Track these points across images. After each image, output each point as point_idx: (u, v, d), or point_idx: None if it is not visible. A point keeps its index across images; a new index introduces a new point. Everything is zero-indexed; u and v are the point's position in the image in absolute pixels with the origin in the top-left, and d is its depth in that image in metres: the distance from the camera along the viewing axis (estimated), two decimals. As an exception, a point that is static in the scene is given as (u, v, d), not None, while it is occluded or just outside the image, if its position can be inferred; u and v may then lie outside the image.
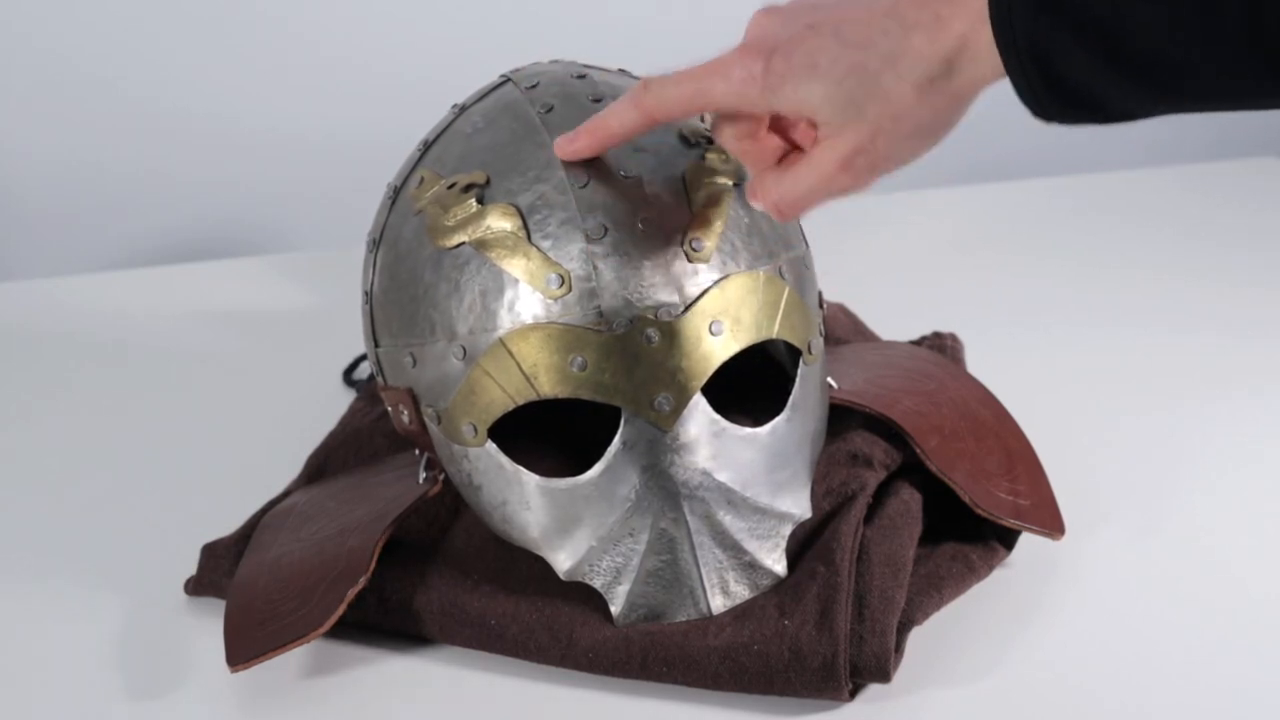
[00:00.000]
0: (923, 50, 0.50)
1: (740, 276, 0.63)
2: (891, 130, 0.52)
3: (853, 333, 0.93)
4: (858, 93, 0.51)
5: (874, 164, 0.54)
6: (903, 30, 0.50)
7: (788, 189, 0.56)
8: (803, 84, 0.52)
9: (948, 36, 0.50)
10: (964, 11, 0.49)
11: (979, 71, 0.50)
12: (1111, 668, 0.63)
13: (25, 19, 1.33)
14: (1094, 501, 0.75)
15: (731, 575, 0.64)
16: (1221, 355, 0.94)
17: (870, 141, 0.53)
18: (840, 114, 0.52)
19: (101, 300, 1.17)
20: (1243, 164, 1.37)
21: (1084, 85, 0.48)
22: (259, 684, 0.65)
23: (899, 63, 0.51)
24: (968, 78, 0.50)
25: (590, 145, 0.62)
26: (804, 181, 0.56)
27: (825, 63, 0.52)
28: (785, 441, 0.66)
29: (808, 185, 0.56)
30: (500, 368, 0.62)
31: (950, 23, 0.49)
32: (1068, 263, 1.14)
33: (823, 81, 0.52)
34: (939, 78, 0.51)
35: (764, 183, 0.58)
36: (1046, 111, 0.49)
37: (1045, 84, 0.48)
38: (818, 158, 0.54)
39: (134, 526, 0.81)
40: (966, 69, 0.50)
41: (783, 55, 0.53)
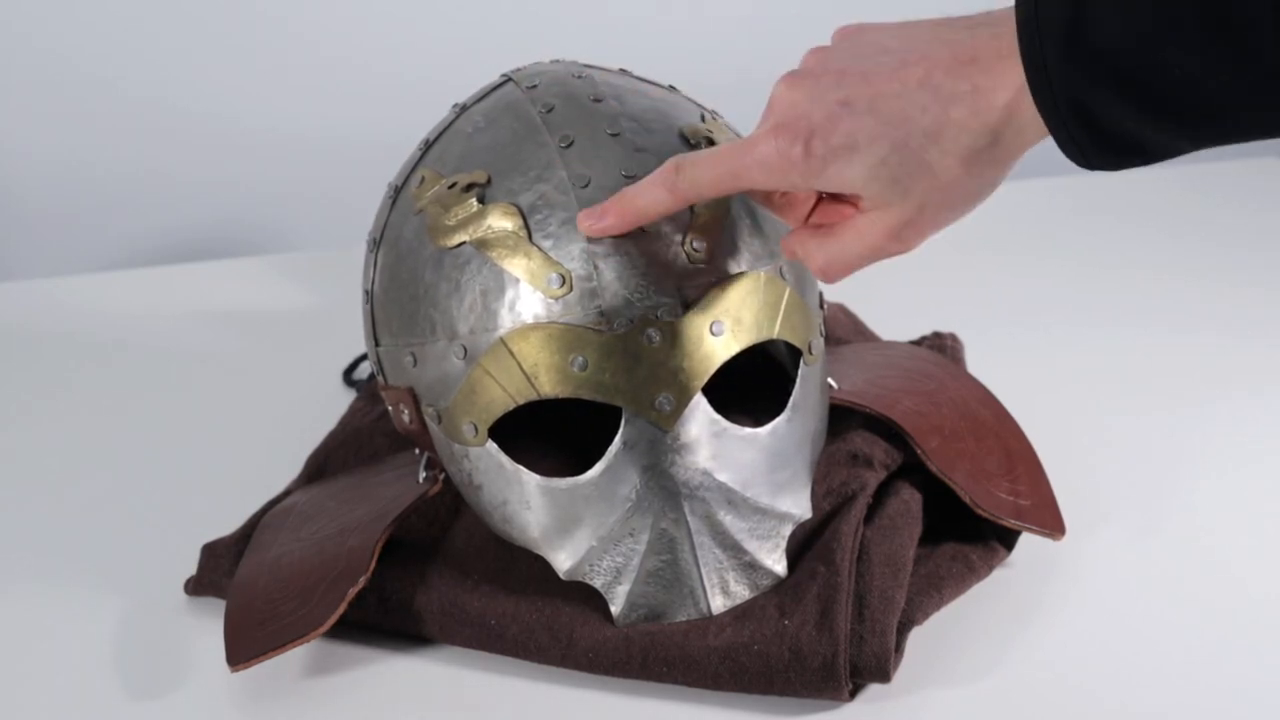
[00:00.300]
0: (966, 123, 0.50)
1: (741, 277, 0.63)
2: (938, 201, 0.52)
3: (853, 333, 0.93)
4: (901, 171, 0.51)
5: (921, 232, 0.54)
6: (940, 105, 0.50)
7: (835, 256, 0.56)
8: (846, 167, 0.52)
9: (990, 108, 0.49)
10: (1003, 81, 0.49)
11: (1024, 138, 0.50)
12: (1111, 668, 0.63)
13: (25, 19, 1.33)
14: (1094, 501, 0.75)
15: (732, 575, 0.64)
16: (1222, 355, 0.94)
17: (918, 214, 0.53)
18: (886, 191, 0.52)
19: (101, 300, 1.17)
20: (1243, 164, 1.37)
21: (1127, 135, 0.47)
22: (259, 684, 0.65)
23: (942, 138, 0.50)
24: (1013, 144, 0.50)
25: (617, 225, 0.61)
26: (851, 250, 0.55)
27: (864, 142, 0.51)
28: (786, 442, 0.66)
29: (855, 253, 0.55)
30: (501, 367, 0.62)
31: (991, 94, 0.49)
32: (1068, 263, 1.14)
33: (866, 163, 0.51)
34: (984, 148, 0.50)
35: (807, 245, 0.57)
36: (1092, 163, 0.49)
37: (1089, 140, 0.48)
38: (865, 229, 0.54)
39: (134, 526, 0.81)
40: (1012, 137, 0.50)
41: (821, 138, 0.52)
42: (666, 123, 0.66)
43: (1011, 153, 0.51)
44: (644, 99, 0.68)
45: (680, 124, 0.67)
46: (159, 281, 1.22)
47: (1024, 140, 0.50)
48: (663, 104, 0.68)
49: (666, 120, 0.67)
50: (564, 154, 0.64)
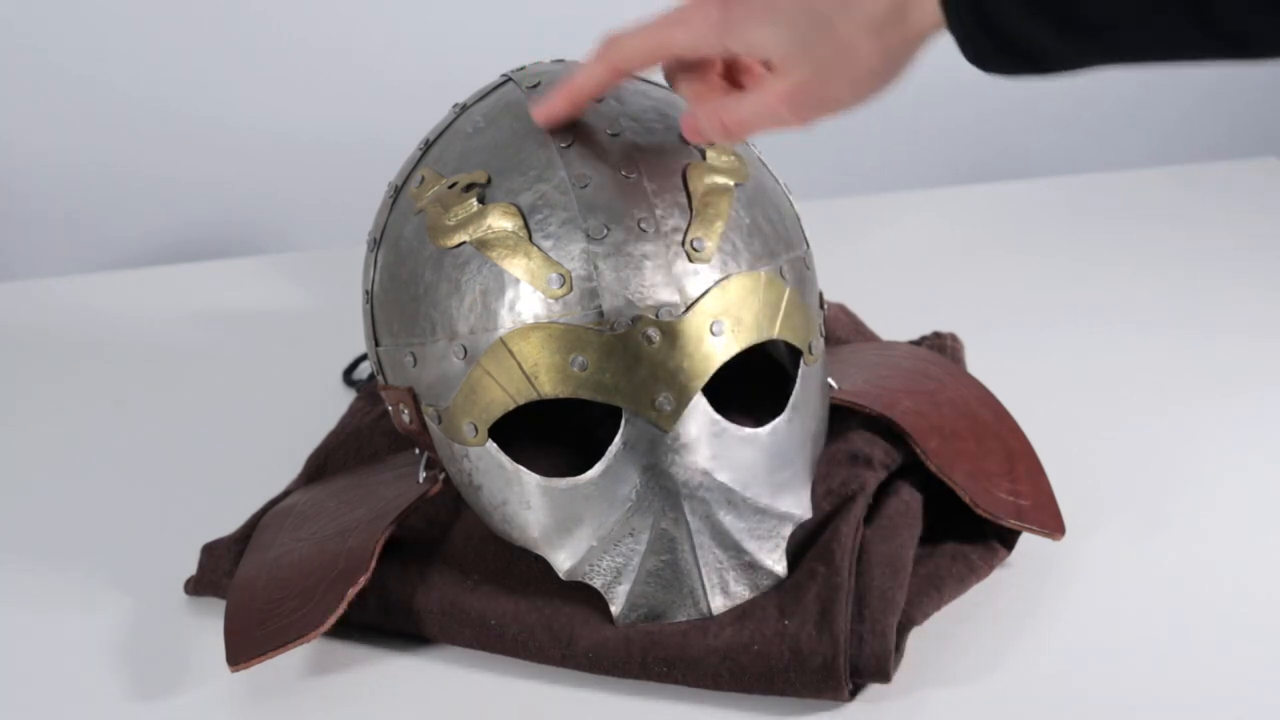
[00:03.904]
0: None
1: (741, 277, 0.63)
2: (839, 70, 0.54)
3: (853, 333, 0.93)
4: (811, 35, 0.54)
5: (820, 100, 0.56)
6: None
7: (732, 109, 0.59)
8: (759, 27, 0.55)
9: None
10: None
11: (927, 19, 0.52)
12: (1111, 667, 0.63)
13: (25, 19, 1.33)
14: (1094, 501, 0.75)
15: (731, 575, 0.64)
16: (1222, 355, 0.94)
17: (816, 77, 0.55)
18: (792, 53, 0.55)
19: (101, 300, 1.17)
20: (1243, 164, 1.37)
21: (1019, 35, 0.49)
22: (259, 684, 0.65)
23: (851, 7, 0.53)
24: (917, 24, 0.52)
25: (565, 107, 0.64)
26: (748, 106, 0.58)
27: (782, 5, 0.54)
28: (786, 442, 0.66)
29: (751, 109, 0.58)
30: (501, 367, 0.62)
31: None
32: (1068, 263, 1.14)
33: (778, 24, 0.54)
34: (889, 24, 0.52)
35: (708, 103, 0.60)
36: (984, 60, 0.51)
37: (982, 32, 0.50)
38: (766, 85, 0.57)
39: (134, 526, 0.81)
40: (916, 15, 0.52)
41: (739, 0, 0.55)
42: (666, 123, 0.66)
43: (915, 33, 0.53)
44: (644, 99, 0.68)
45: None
46: (159, 281, 1.22)
47: (926, 21, 0.52)
48: (663, 104, 0.68)
49: (666, 120, 0.67)
50: (564, 154, 0.64)
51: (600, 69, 0.62)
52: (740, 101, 0.59)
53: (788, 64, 0.55)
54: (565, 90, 0.63)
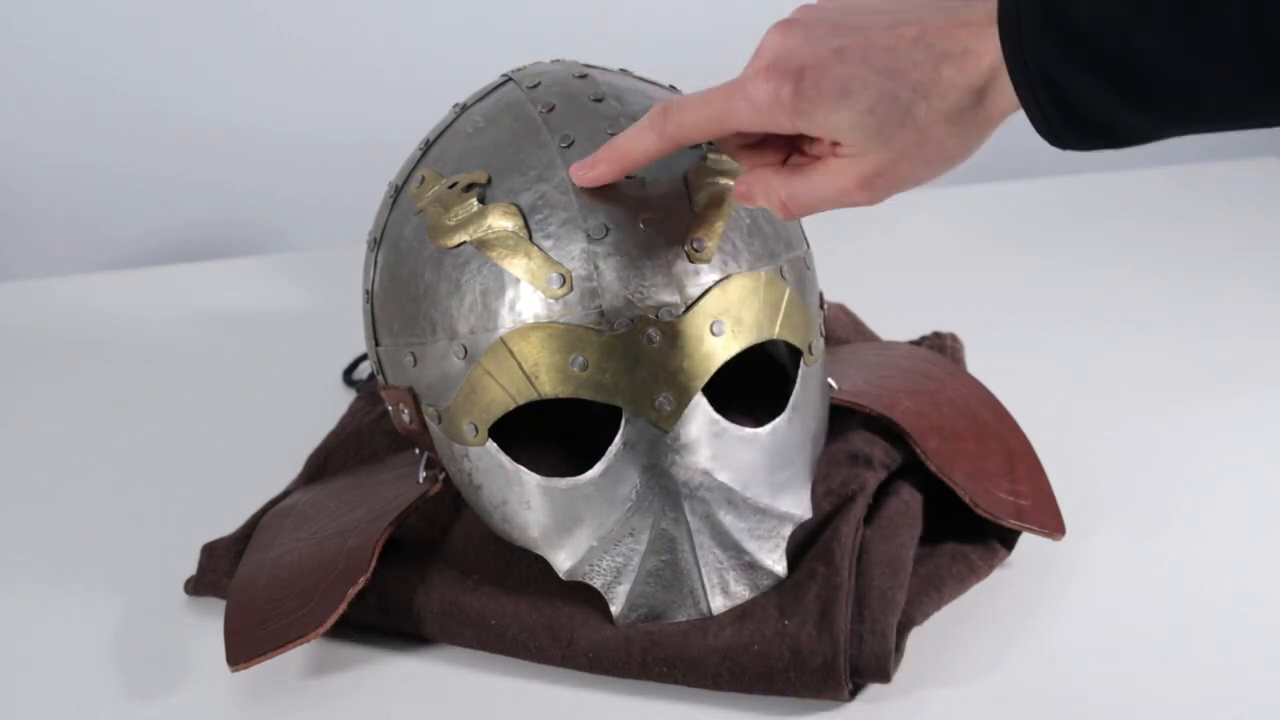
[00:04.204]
0: (954, 82, 0.50)
1: (741, 277, 0.63)
2: (916, 156, 0.52)
3: (853, 333, 0.93)
4: (889, 121, 0.51)
5: (893, 185, 0.54)
6: (933, 61, 0.50)
7: (800, 192, 0.56)
8: (834, 110, 0.52)
9: (977, 70, 0.50)
10: (990, 46, 0.49)
11: (1005, 102, 0.50)
12: (1111, 667, 0.63)
13: (25, 19, 1.33)
14: (1094, 501, 0.75)
15: (732, 575, 0.64)
16: (1221, 355, 0.94)
17: (893, 166, 0.53)
18: (869, 139, 0.52)
19: (101, 300, 1.17)
20: (1243, 164, 1.37)
21: (1097, 114, 0.48)
22: (259, 684, 0.65)
23: (931, 94, 0.51)
24: (996, 108, 0.51)
25: (609, 172, 0.61)
26: (818, 189, 0.55)
27: (857, 89, 0.51)
28: (786, 442, 0.66)
29: (820, 194, 0.55)
30: (501, 367, 0.62)
31: (981, 57, 0.50)
32: (1068, 263, 1.14)
33: (854, 109, 0.52)
34: (969, 109, 0.51)
35: (769, 181, 0.57)
36: (1062, 140, 0.50)
37: (1059, 114, 0.49)
38: (837, 170, 0.54)
39: (134, 526, 0.81)
40: (994, 100, 0.50)
41: (812, 80, 0.52)
42: (667, 123, 0.66)
43: (992, 117, 0.52)
44: (645, 99, 0.68)
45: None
46: (159, 281, 1.22)
47: (1004, 106, 0.51)
48: (663, 104, 0.68)
49: (667, 120, 0.66)
50: (564, 154, 0.64)
51: (653, 139, 0.58)
52: (807, 183, 0.56)
53: (863, 149, 0.53)
54: (611, 157, 0.60)
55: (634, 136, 0.59)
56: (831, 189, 0.55)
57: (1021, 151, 1.54)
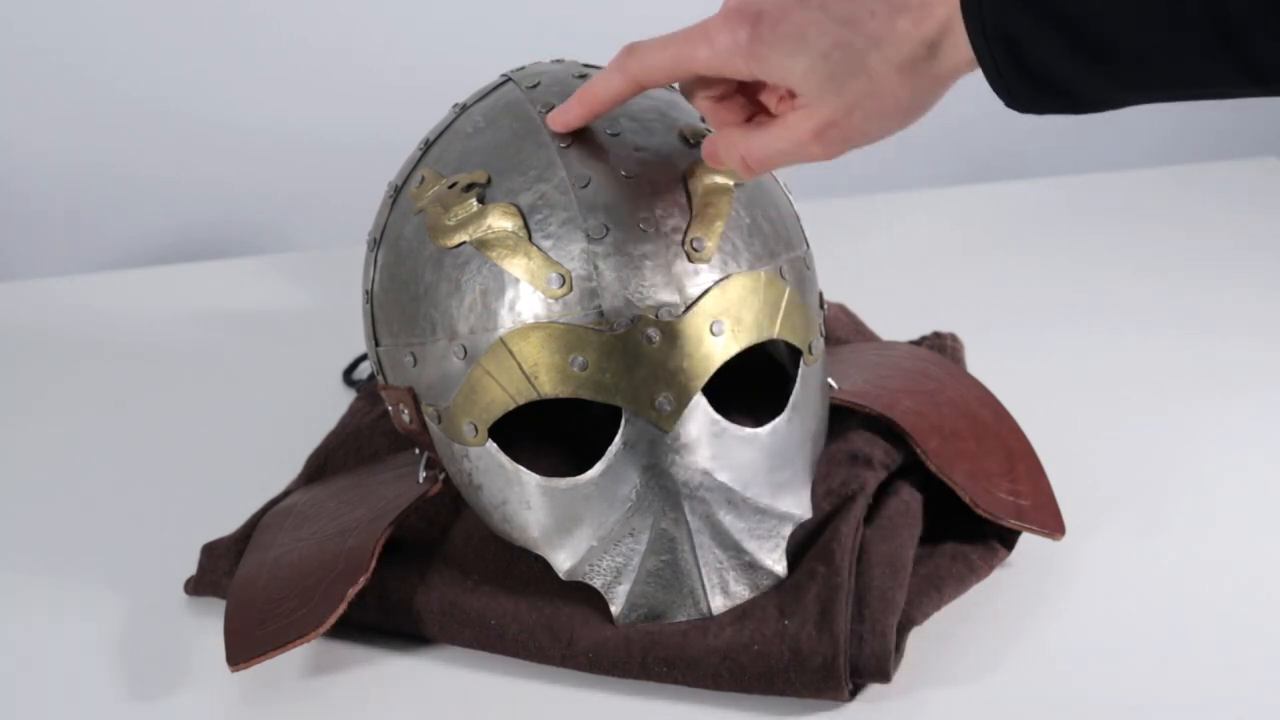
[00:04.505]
0: (908, 33, 0.51)
1: (741, 277, 0.63)
2: (869, 107, 0.53)
3: (853, 333, 0.93)
4: (841, 69, 0.52)
5: (847, 137, 0.55)
6: (889, 12, 0.51)
7: (757, 146, 0.57)
8: (788, 55, 0.53)
9: (931, 22, 0.51)
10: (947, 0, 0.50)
11: (959, 58, 0.51)
12: (1111, 667, 0.63)
13: (25, 19, 1.33)
14: (1094, 501, 0.75)
15: (731, 575, 0.64)
16: (1221, 355, 0.94)
17: (846, 116, 0.54)
18: (821, 87, 0.53)
19: (101, 300, 1.17)
20: (1243, 164, 1.37)
21: (1052, 74, 0.49)
22: (259, 684, 0.65)
23: (884, 44, 0.51)
24: (948, 63, 0.51)
25: (581, 114, 0.63)
26: (775, 143, 0.56)
27: (813, 36, 0.52)
28: (786, 442, 0.66)
29: (778, 147, 0.56)
30: (501, 367, 0.62)
31: (935, 8, 0.50)
32: (1068, 263, 1.14)
33: (808, 55, 0.53)
34: (921, 60, 0.51)
35: (730, 136, 0.58)
36: (1017, 100, 0.50)
37: (1015, 72, 0.49)
38: (792, 122, 0.55)
39: (134, 526, 0.81)
40: (947, 54, 0.51)
41: (769, 24, 0.53)
42: (666, 122, 0.66)
43: (946, 72, 0.52)
44: (644, 99, 0.68)
45: (680, 124, 0.67)
46: (159, 281, 1.22)
47: (958, 60, 0.51)
48: (663, 104, 0.68)
49: (666, 120, 0.67)
50: (564, 154, 0.64)
51: (618, 79, 0.60)
52: (765, 136, 0.57)
53: (816, 97, 0.53)
54: (581, 98, 0.62)
55: (602, 79, 0.61)
56: (787, 141, 0.56)
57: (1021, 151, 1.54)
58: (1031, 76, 0.49)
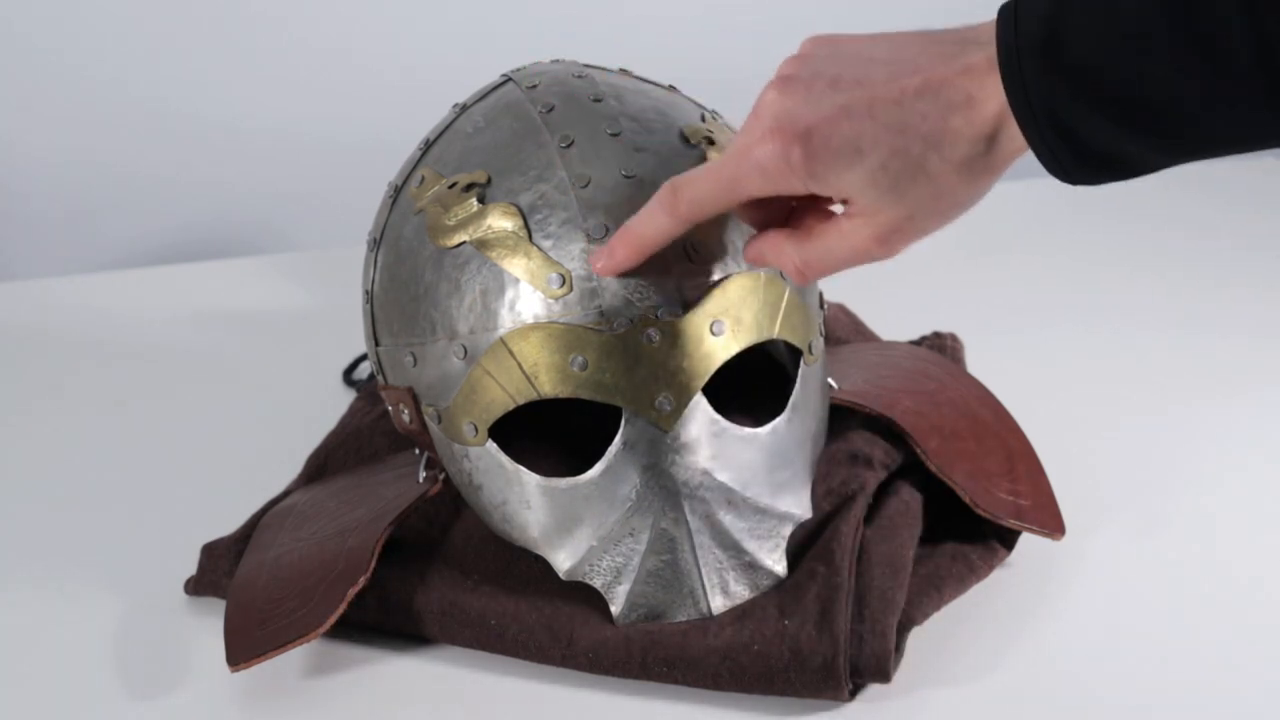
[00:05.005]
0: (963, 131, 0.50)
1: (741, 277, 0.63)
2: (930, 208, 0.52)
3: (853, 333, 0.93)
4: (902, 177, 0.51)
5: (908, 238, 0.54)
6: (940, 112, 0.50)
7: (815, 257, 0.56)
8: (846, 170, 0.52)
9: (983, 117, 0.49)
10: (994, 92, 0.49)
11: (1014, 146, 0.50)
12: (1112, 667, 0.63)
13: (25, 19, 1.33)
14: (1094, 501, 0.75)
15: (731, 575, 0.64)
16: (1221, 355, 0.94)
17: (909, 220, 0.53)
18: (881, 197, 0.52)
19: (101, 300, 1.17)
20: (1243, 164, 1.37)
21: (1104, 148, 0.48)
22: (259, 684, 0.65)
23: (942, 145, 0.50)
24: (1004, 153, 0.51)
25: (629, 258, 0.60)
26: (835, 252, 0.55)
27: (868, 146, 0.51)
28: (786, 442, 0.66)
29: (838, 256, 0.55)
30: (501, 367, 0.62)
31: (985, 104, 0.49)
32: (1068, 263, 1.14)
33: (866, 166, 0.51)
34: (979, 156, 0.50)
35: (782, 247, 0.57)
36: (1071, 176, 0.49)
37: (1068, 152, 0.48)
38: (850, 230, 0.54)
39: (134, 526, 0.81)
40: (1003, 146, 0.50)
41: (821, 140, 0.52)
42: (666, 122, 0.66)
43: (1003, 161, 0.51)
44: (644, 99, 0.68)
45: (680, 124, 0.67)
46: (159, 281, 1.22)
47: (1013, 149, 0.50)
48: (663, 104, 0.68)
49: (666, 120, 0.67)
50: (564, 154, 0.64)
51: (666, 220, 0.58)
52: (822, 247, 0.55)
53: (875, 207, 0.52)
54: (628, 241, 0.60)
55: (646, 220, 0.59)
56: (847, 250, 0.54)
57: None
58: (1083, 153, 0.48)
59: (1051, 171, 0.50)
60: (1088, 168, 0.49)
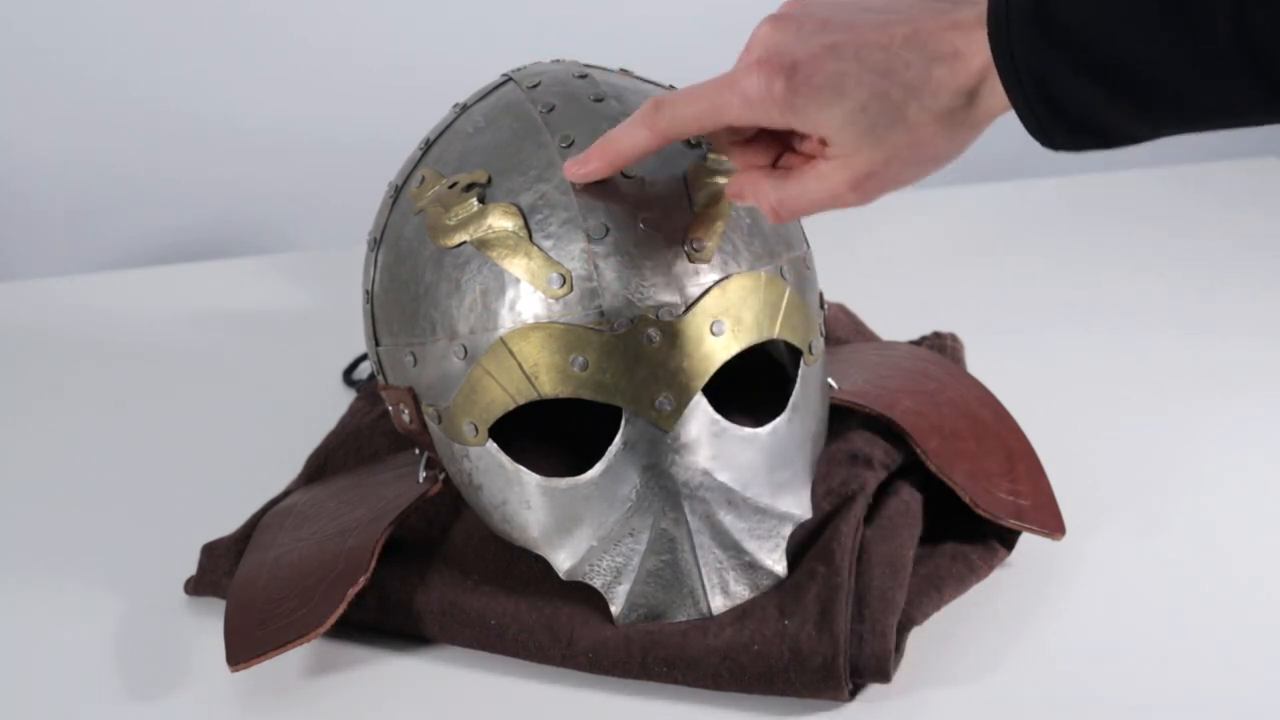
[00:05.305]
0: (945, 83, 0.50)
1: (741, 277, 0.63)
2: (907, 157, 0.53)
3: (853, 333, 0.93)
4: (880, 121, 0.52)
5: (883, 185, 0.54)
6: (925, 62, 0.50)
7: (790, 196, 0.56)
8: (825, 107, 0.52)
9: (968, 72, 0.50)
10: (980, 46, 0.50)
11: (995, 103, 0.51)
12: (1111, 667, 0.63)
13: (25, 19, 1.33)
14: (1094, 501, 0.75)
15: (731, 575, 0.64)
16: (1221, 355, 0.94)
17: (884, 166, 0.53)
18: (859, 139, 0.52)
19: (101, 300, 1.17)
20: (1243, 164, 1.37)
21: (1087, 115, 0.48)
22: (259, 684, 0.65)
23: (922, 94, 0.51)
24: (985, 109, 0.51)
25: (602, 167, 0.61)
26: (810, 193, 0.55)
27: (850, 87, 0.51)
28: (786, 442, 0.66)
29: (812, 197, 0.56)
30: (501, 367, 0.62)
31: (970, 59, 0.50)
32: (1068, 263, 1.14)
33: (845, 107, 0.52)
34: (960, 109, 0.51)
35: (759, 185, 0.58)
36: (1052, 140, 0.50)
37: (1050, 115, 0.49)
38: (827, 172, 0.54)
39: (134, 526, 0.81)
40: (984, 101, 0.51)
41: (804, 75, 0.52)
42: (667, 122, 0.66)
43: (983, 118, 0.52)
44: (644, 99, 0.67)
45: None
46: (159, 281, 1.22)
47: (994, 107, 0.51)
48: (663, 104, 0.68)
49: (667, 120, 0.66)
50: (565, 154, 0.64)
51: (645, 134, 0.58)
52: (798, 186, 0.56)
53: (852, 148, 0.53)
54: (604, 152, 0.60)
55: (626, 132, 0.59)
56: (822, 192, 0.55)
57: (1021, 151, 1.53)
58: (1066, 118, 0.49)
59: (1034, 135, 0.50)
60: (1070, 133, 0.49)
